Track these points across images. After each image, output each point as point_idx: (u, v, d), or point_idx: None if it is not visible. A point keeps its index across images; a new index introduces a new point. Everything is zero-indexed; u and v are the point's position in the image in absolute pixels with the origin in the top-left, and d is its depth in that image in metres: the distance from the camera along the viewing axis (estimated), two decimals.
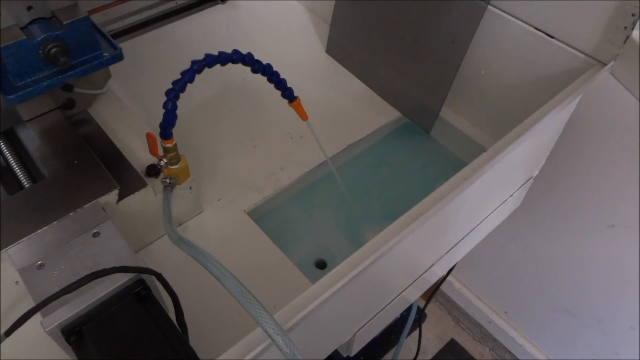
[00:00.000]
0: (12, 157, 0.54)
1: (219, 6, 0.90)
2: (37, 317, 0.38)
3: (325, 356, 0.56)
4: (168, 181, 0.54)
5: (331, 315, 0.47)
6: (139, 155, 0.57)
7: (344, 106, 0.77)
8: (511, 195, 0.74)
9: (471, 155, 0.49)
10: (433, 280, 0.74)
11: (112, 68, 0.55)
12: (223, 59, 0.49)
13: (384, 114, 0.76)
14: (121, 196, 0.51)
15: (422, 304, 1.09)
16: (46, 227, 0.46)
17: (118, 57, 0.50)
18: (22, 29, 0.45)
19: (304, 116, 0.60)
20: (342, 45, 0.81)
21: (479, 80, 0.72)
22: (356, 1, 0.76)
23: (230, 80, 0.77)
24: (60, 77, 0.47)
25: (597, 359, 1.15)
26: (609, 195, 0.84)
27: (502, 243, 1.18)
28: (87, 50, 0.48)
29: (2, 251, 0.44)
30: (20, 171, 0.53)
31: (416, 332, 1.18)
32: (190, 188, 0.57)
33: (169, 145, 0.52)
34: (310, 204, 0.68)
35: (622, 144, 0.82)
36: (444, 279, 1.06)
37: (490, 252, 1.23)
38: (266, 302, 0.35)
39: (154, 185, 0.54)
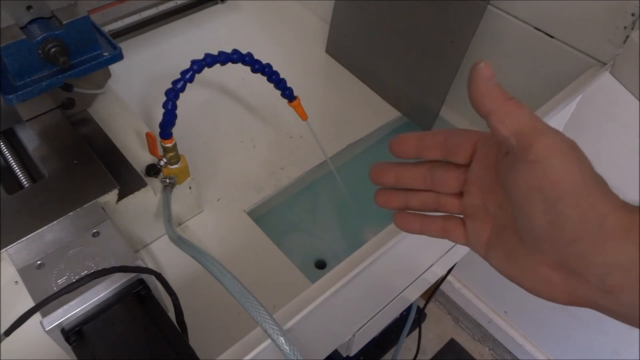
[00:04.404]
0: (11, 157, 0.54)
1: (219, 6, 0.90)
2: (37, 317, 0.38)
3: (325, 356, 0.56)
4: (168, 181, 0.54)
5: (331, 315, 0.47)
6: (139, 155, 0.57)
7: (344, 106, 0.77)
8: None
9: None
10: (433, 280, 0.74)
11: (112, 68, 0.55)
12: (223, 58, 0.50)
13: (384, 114, 0.76)
14: (121, 196, 0.51)
15: (421, 303, 1.09)
16: (46, 226, 0.46)
17: (118, 56, 0.50)
18: (21, 28, 0.45)
19: (303, 116, 0.60)
20: (342, 45, 0.81)
21: None
22: (356, 1, 0.76)
23: (230, 80, 0.77)
24: (60, 76, 0.47)
25: (597, 359, 1.15)
26: None
27: None
28: (86, 50, 0.48)
29: (1, 251, 0.44)
30: (20, 171, 0.53)
31: (416, 331, 1.18)
32: (190, 188, 0.57)
33: (168, 145, 0.52)
34: (310, 204, 0.68)
35: (622, 144, 0.82)
36: (443, 278, 1.06)
37: None
38: (266, 302, 0.35)
39: (154, 185, 0.54)
